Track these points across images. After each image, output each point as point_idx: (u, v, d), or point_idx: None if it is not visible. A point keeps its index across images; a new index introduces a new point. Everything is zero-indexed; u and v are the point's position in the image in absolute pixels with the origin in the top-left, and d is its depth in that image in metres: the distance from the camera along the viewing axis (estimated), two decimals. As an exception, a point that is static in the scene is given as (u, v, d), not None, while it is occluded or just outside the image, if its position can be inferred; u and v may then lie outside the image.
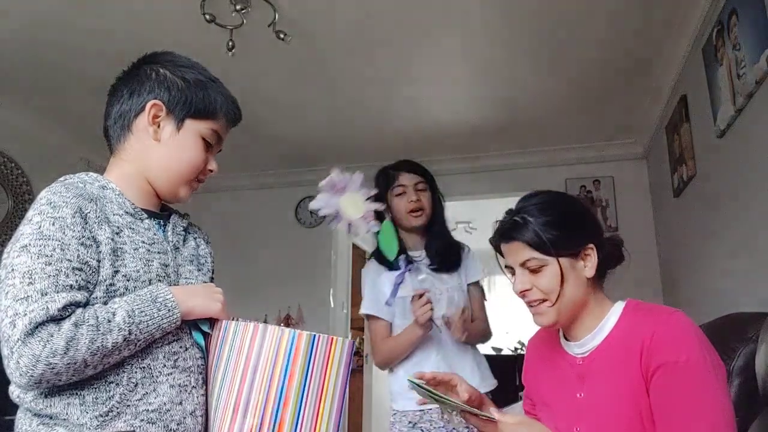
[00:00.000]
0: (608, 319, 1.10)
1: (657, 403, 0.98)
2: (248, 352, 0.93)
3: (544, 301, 1.10)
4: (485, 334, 1.91)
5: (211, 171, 1.10)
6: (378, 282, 1.83)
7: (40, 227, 0.89)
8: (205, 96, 1.05)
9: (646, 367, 0.99)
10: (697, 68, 2.44)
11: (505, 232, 1.12)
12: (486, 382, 1.80)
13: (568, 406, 1.12)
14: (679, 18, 2.43)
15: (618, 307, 1.11)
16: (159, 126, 1.04)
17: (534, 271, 1.09)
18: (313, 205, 1.56)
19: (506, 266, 1.16)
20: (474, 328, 1.81)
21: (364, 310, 1.84)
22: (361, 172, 1.56)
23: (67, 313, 0.85)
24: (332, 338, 0.95)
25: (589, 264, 1.09)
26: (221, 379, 0.97)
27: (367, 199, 1.56)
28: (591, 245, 1.09)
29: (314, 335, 0.93)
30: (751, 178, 2.00)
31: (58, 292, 0.85)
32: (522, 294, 1.12)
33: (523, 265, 1.10)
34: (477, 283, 1.92)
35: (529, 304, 1.13)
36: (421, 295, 1.66)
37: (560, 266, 1.07)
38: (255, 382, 0.92)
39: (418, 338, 1.71)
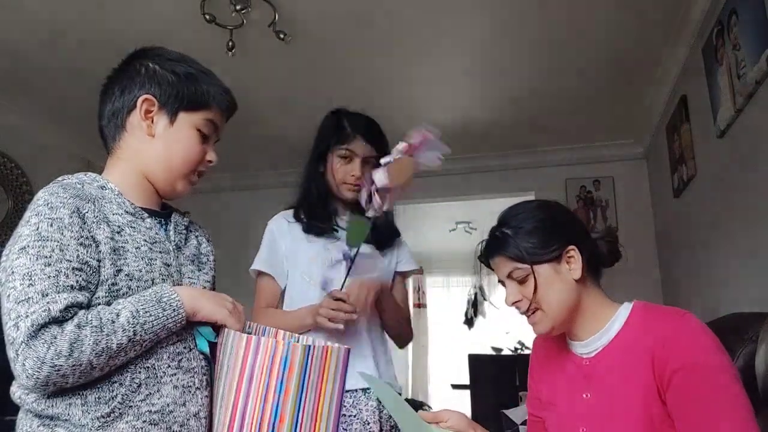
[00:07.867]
0: (615, 320, 1.10)
1: (678, 407, 0.97)
2: (242, 365, 0.90)
3: (537, 309, 1.11)
4: (403, 334, 1.69)
5: (210, 162, 1.08)
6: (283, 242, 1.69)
7: (38, 228, 0.88)
8: (196, 88, 1.04)
9: (661, 371, 0.98)
10: (697, 68, 2.44)
11: (489, 249, 1.16)
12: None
13: (573, 406, 1.12)
14: (678, 18, 2.43)
15: (625, 309, 1.11)
16: (152, 121, 1.03)
17: (521, 281, 1.11)
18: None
19: (499, 281, 1.18)
20: (392, 312, 1.61)
21: (256, 266, 1.72)
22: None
23: (70, 315, 0.84)
24: (327, 347, 0.93)
25: (573, 266, 1.10)
26: (221, 391, 0.95)
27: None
28: (572, 247, 1.10)
29: (309, 346, 0.90)
30: (751, 178, 2.00)
31: (59, 293, 0.84)
32: (514, 305, 1.14)
33: (509, 277, 1.12)
34: (405, 275, 1.70)
35: (525, 314, 1.14)
36: (340, 298, 1.42)
37: (534, 275, 1.09)
38: (250, 396, 0.89)
39: (304, 329, 1.46)
